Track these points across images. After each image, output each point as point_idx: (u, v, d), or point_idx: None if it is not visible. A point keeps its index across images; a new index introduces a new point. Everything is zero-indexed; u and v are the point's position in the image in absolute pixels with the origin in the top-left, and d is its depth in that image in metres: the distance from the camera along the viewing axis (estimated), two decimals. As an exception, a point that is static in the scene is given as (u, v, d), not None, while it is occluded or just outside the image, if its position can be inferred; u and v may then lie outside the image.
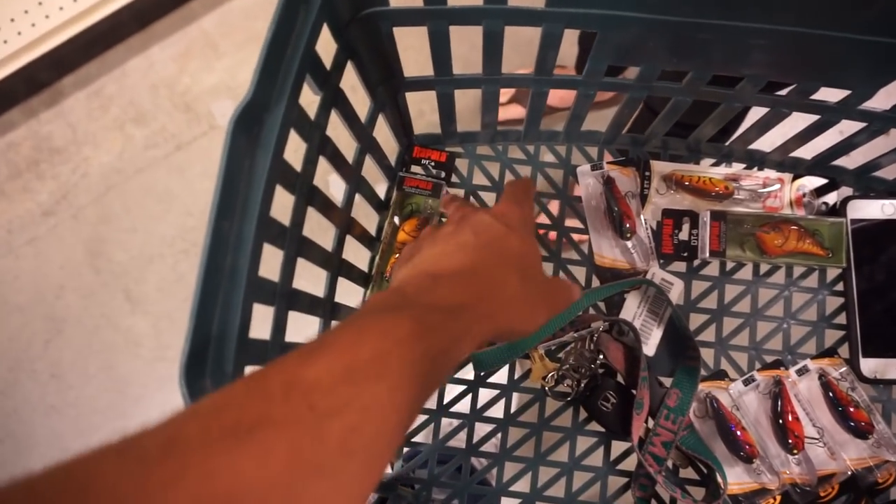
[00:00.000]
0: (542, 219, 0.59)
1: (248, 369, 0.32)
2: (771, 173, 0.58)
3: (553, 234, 0.59)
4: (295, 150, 0.39)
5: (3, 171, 1.27)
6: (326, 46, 0.40)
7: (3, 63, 1.15)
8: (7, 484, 0.15)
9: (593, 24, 0.37)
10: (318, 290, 0.46)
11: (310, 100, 0.39)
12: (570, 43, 0.38)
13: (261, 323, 0.35)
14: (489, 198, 0.59)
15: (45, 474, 0.16)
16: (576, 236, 0.59)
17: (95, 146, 1.28)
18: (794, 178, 0.58)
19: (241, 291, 0.31)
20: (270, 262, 0.36)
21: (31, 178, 1.27)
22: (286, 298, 0.38)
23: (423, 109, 0.50)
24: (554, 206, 0.59)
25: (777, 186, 0.58)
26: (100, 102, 1.29)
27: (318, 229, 0.46)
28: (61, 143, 1.28)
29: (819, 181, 0.58)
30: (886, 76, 0.40)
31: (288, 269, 0.38)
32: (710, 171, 0.58)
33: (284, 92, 0.34)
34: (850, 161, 0.56)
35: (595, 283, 0.57)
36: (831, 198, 0.57)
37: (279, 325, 0.37)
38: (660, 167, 0.58)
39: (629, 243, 0.56)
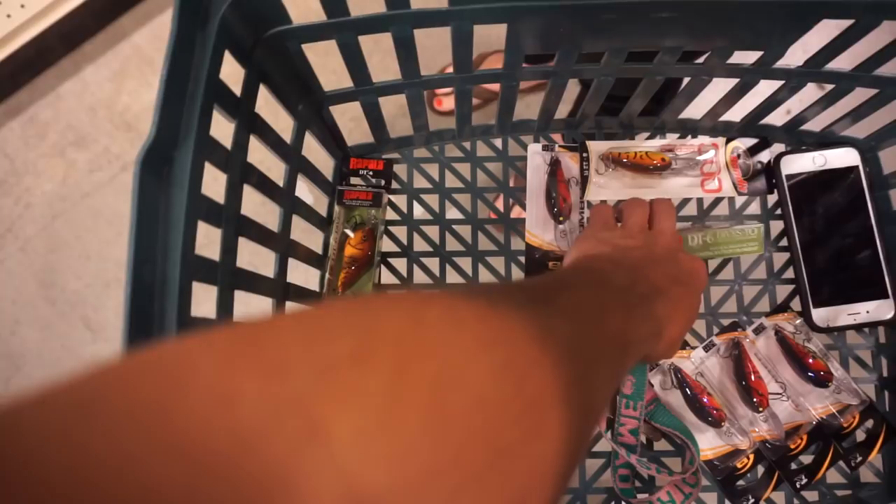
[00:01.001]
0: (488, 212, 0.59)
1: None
2: (705, 139, 0.59)
3: (500, 228, 0.59)
4: (218, 183, 0.38)
5: (-59, 208, 1.22)
6: (236, 72, 0.38)
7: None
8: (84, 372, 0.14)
9: (499, 18, 0.37)
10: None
11: (227, 127, 0.38)
12: (503, 26, 0.37)
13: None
14: (432, 199, 0.58)
15: (129, 363, 0.14)
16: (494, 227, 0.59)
17: (36, 175, 1.24)
18: (728, 142, 0.59)
19: (173, 335, 0.30)
20: (204, 300, 0.35)
21: (-30, 214, 1.23)
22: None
23: (358, 115, 0.49)
24: (499, 201, 0.59)
25: (712, 152, 0.58)
26: (36, 130, 1.24)
27: (259, 257, 0.45)
28: (0, 175, 1.23)
29: (751, 141, 0.59)
30: (793, 32, 0.40)
31: (225, 303, 0.37)
32: (645, 144, 0.59)
33: (191, 126, 0.33)
34: (778, 118, 0.57)
35: (516, 272, 0.57)
36: (765, 156, 0.58)
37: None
38: (596, 147, 0.59)
39: (562, 227, 0.57)
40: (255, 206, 0.44)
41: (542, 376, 0.18)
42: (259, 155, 0.42)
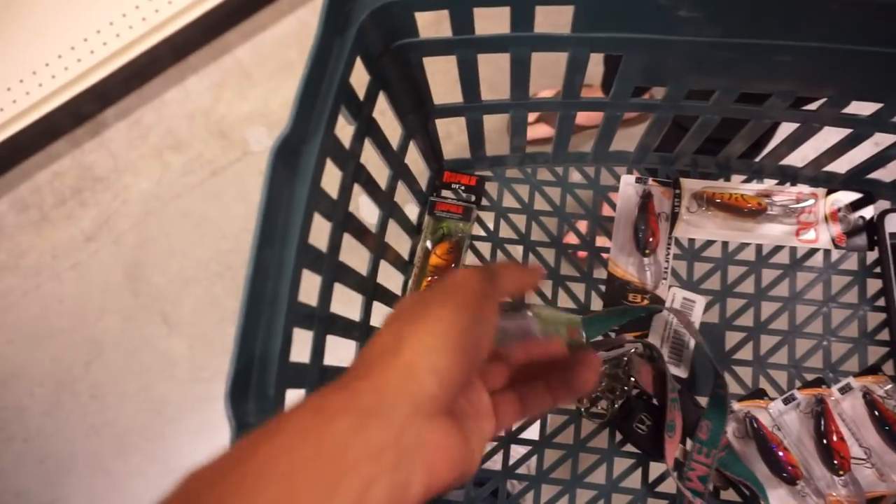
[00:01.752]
0: (572, 238, 0.60)
1: (289, 392, 0.33)
2: (804, 188, 0.58)
3: (583, 253, 0.59)
4: (329, 177, 0.41)
5: (49, 199, 1.33)
6: (359, 77, 0.41)
7: (50, 98, 1.21)
8: None
9: (618, 48, 0.38)
10: (354, 313, 0.47)
11: (345, 129, 0.41)
12: (595, 62, 0.39)
13: (298, 347, 0.36)
14: (519, 220, 0.59)
15: None
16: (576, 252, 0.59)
17: (135, 174, 1.33)
18: (829, 193, 0.57)
19: (282, 317, 0.32)
20: (307, 288, 0.37)
21: (74, 206, 1.32)
22: (324, 323, 0.38)
23: (450, 131, 0.51)
24: (583, 226, 0.60)
25: (811, 202, 0.57)
26: (139, 132, 1.34)
27: (352, 254, 0.47)
28: (103, 172, 1.33)
29: (853, 195, 0.57)
30: (920, 89, 0.39)
31: (326, 295, 0.39)
32: (741, 187, 0.58)
33: (321, 124, 0.35)
34: (887, 174, 0.55)
35: (596, 303, 0.57)
36: (868, 212, 0.56)
37: (318, 349, 0.38)
38: (690, 185, 0.58)
39: (647, 260, 0.56)
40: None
41: None
42: (364, 157, 0.44)
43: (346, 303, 0.48)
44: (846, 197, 0.57)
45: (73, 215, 1.32)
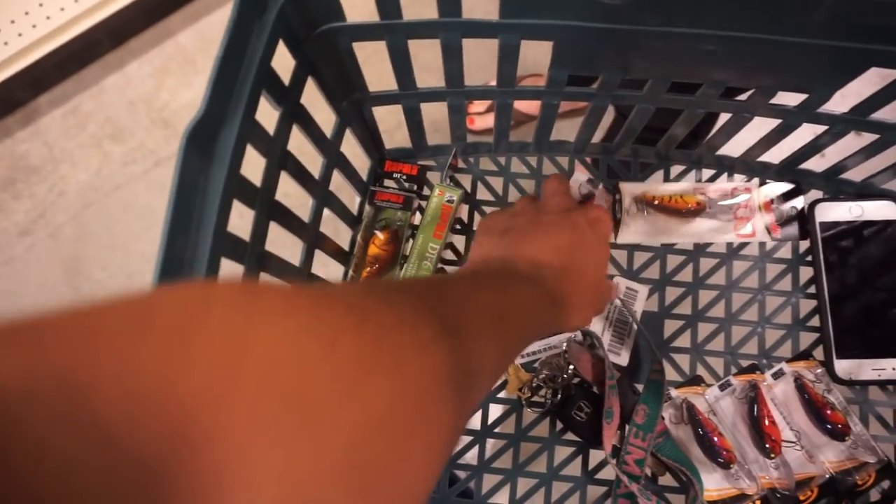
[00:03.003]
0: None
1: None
2: (739, 183, 0.59)
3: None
4: (258, 167, 0.39)
5: (-21, 191, 1.27)
6: (286, 61, 0.40)
7: (-24, 83, 1.15)
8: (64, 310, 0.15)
9: (547, 35, 0.37)
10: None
11: (272, 115, 0.39)
12: (545, 51, 0.38)
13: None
14: (462, 209, 0.59)
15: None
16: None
17: (73, 164, 1.27)
18: (761, 185, 0.58)
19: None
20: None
21: (6, 198, 1.26)
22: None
23: (400, 120, 0.50)
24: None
25: (745, 196, 0.58)
26: (76, 120, 1.28)
27: (288, 245, 0.45)
28: (38, 162, 1.27)
29: (785, 187, 0.58)
30: (840, 78, 0.40)
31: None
32: (678, 186, 0.58)
33: (239, 107, 0.34)
34: (819, 164, 0.57)
35: None
36: (799, 202, 0.58)
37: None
38: (630, 189, 0.58)
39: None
40: (288, 198, 0.45)
41: (352, 340, 0.19)
42: (297, 145, 0.43)
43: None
44: (778, 189, 0.58)
45: (6, 208, 1.26)
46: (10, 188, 1.27)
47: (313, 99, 0.44)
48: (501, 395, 0.55)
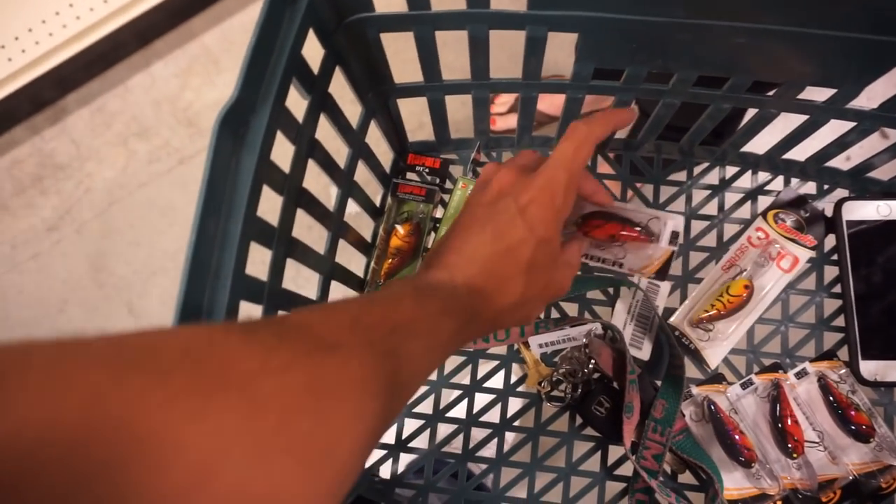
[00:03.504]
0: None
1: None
2: (750, 233, 0.57)
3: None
4: (286, 154, 0.40)
5: (8, 187, 1.29)
6: (316, 51, 0.40)
7: (7, 81, 1.17)
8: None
9: (574, 27, 0.38)
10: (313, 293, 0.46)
11: (301, 105, 0.40)
12: (567, 53, 0.38)
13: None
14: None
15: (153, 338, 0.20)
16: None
17: (99, 162, 1.30)
18: (765, 215, 0.57)
19: (226, 289, 0.31)
20: (260, 264, 0.37)
21: (34, 195, 1.29)
22: (275, 298, 0.38)
23: (422, 121, 0.50)
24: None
25: (762, 234, 0.56)
26: (103, 119, 1.31)
27: (312, 233, 0.46)
28: (65, 160, 1.30)
29: (789, 195, 0.57)
30: (871, 72, 0.40)
31: (276, 269, 0.38)
32: (708, 287, 0.56)
33: (270, 94, 0.34)
34: (845, 162, 0.56)
35: None
36: (822, 204, 0.57)
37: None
38: (679, 321, 0.55)
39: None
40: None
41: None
42: (328, 137, 0.43)
43: (310, 281, 0.47)
44: (777, 205, 0.57)
45: (34, 204, 1.29)
46: (38, 185, 1.29)
47: (339, 91, 0.44)
48: (521, 388, 0.55)
